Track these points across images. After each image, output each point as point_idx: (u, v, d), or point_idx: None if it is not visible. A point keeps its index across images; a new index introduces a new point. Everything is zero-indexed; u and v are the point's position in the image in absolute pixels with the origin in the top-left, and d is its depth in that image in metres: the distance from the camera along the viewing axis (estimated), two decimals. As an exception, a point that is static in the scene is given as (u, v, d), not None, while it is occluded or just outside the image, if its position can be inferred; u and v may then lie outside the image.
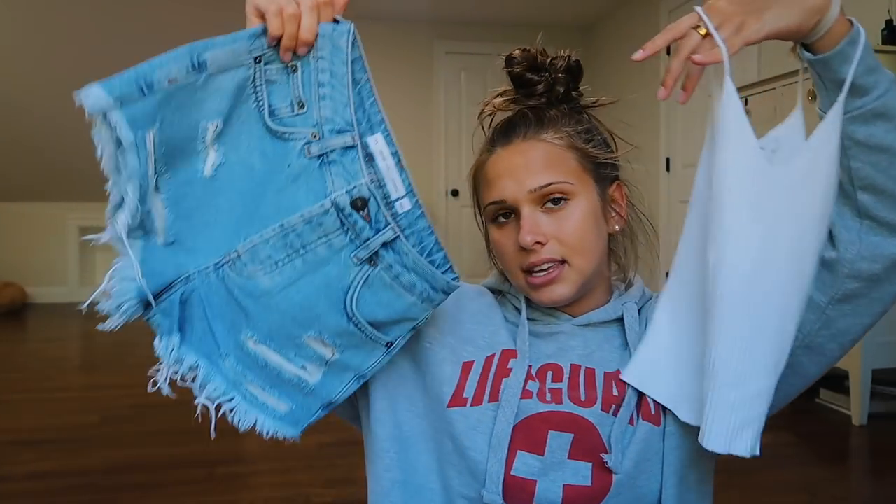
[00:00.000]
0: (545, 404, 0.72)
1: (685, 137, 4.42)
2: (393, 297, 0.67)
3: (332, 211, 0.65)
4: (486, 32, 5.64)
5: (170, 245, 0.68)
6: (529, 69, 0.77)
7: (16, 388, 3.18)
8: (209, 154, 0.66)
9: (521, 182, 0.73)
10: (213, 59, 0.64)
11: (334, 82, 0.65)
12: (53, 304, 6.04)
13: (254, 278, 0.67)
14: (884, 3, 2.81)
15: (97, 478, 2.06)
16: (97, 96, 0.61)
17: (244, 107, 0.66)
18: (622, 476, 0.70)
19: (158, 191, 0.66)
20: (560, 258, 0.73)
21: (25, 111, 5.30)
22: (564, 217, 0.73)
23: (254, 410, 0.71)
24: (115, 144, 0.63)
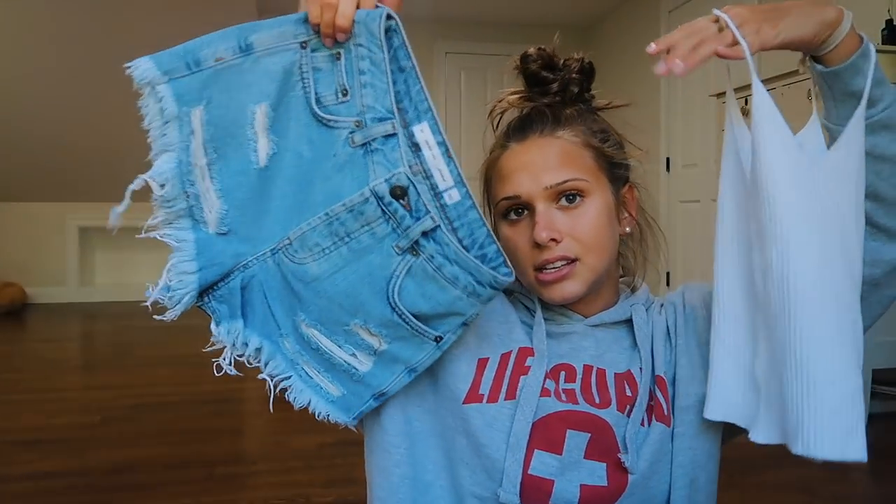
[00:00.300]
0: (563, 403, 0.73)
1: (685, 137, 4.42)
2: (436, 289, 0.67)
3: (371, 200, 0.65)
4: (486, 32, 5.64)
5: (224, 235, 0.69)
6: (545, 67, 0.77)
7: (16, 388, 3.18)
8: (261, 142, 0.67)
9: (537, 178, 0.73)
10: (259, 41, 0.66)
11: (374, 69, 0.65)
12: (53, 304, 6.04)
13: (304, 264, 0.68)
14: (884, 3, 2.81)
15: (97, 478, 2.06)
16: (146, 68, 0.64)
17: (292, 93, 0.67)
18: (637, 476, 0.71)
19: (212, 179, 0.67)
20: (574, 256, 0.73)
21: (26, 111, 5.30)
22: (579, 214, 0.73)
23: (308, 391, 0.72)
24: (161, 116, 0.65)
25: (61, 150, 5.62)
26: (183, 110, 0.65)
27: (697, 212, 4.26)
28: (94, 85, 5.20)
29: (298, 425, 2.55)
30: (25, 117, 5.34)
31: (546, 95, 0.77)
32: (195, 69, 0.65)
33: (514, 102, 0.79)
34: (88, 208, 6.16)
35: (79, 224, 6.16)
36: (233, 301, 0.70)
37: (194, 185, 0.67)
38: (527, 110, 0.78)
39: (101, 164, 5.79)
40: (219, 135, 0.66)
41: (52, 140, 5.53)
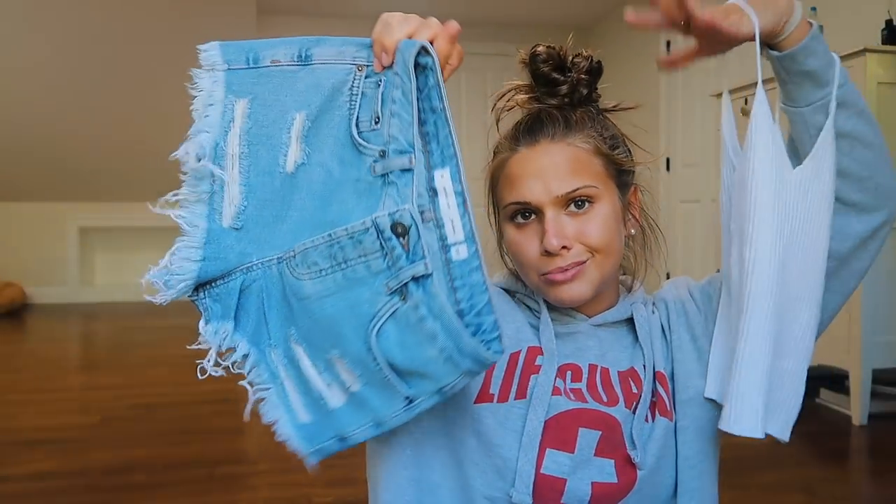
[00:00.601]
0: (573, 402, 0.73)
1: (685, 137, 4.42)
2: (415, 342, 0.63)
3: (371, 230, 0.64)
4: (486, 32, 5.64)
5: (237, 230, 0.69)
6: (555, 69, 0.76)
7: (16, 388, 3.18)
8: (292, 148, 0.68)
9: (548, 185, 0.72)
10: (319, 54, 0.67)
11: (403, 100, 0.65)
12: (53, 304, 6.03)
13: (301, 280, 0.67)
14: (884, 3, 2.81)
15: (97, 478, 2.06)
16: (214, 53, 0.68)
17: (336, 111, 0.67)
18: (645, 472, 0.72)
19: (239, 173, 0.68)
20: (584, 259, 0.73)
21: (26, 111, 5.29)
22: (588, 220, 0.73)
23: (281, 408, 0.70)
24: (209, 97, 0.67)
25: (61, 150, 5.62)
26: (229, 98, 0.67)
27: (697, 212, 4.26)
28: (95, 85, 5.20)
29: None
30: (26, 117, 5.33)
31: (555, 97, 0.77)
32: (252, 65, 0.68)
33: (521, 103, 0.78)
34: (88, 208, 6.16)
35: (79, 224, 6.16)
36: (227, 302, 0.69)
37: (223, 172, 0.68)
38: (536, 112, 0.77)
39: (101, 164, 5.79)
40: (256, 130, 0.68)
41: (52, 140, 5.53)
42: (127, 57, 5.05)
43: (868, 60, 2.42)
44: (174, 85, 4.86)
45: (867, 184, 0.71)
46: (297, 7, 5.31)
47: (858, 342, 2.45)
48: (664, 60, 0.73)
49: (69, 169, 5.79)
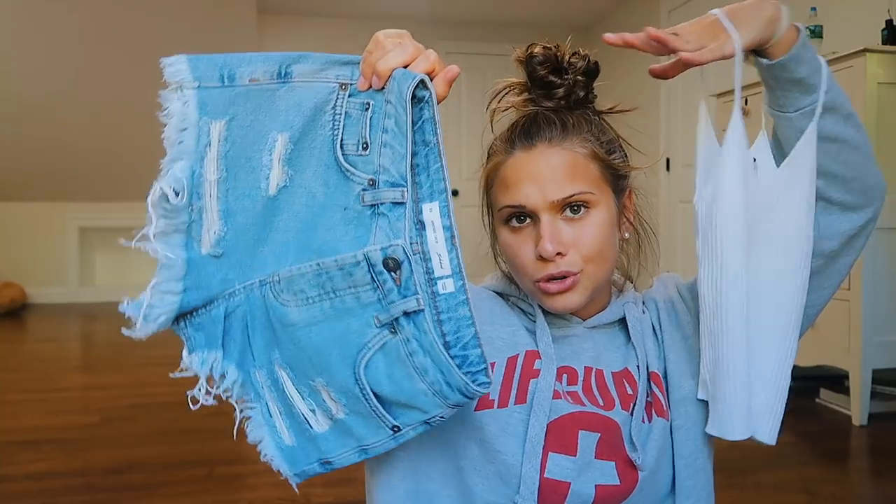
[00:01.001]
0: (571, 405, 0.73)
1: (685, 137, 4.42)
2: (404, 375, 0.63)
3: (363, 264, 0.63)
4: (486, 32, 5.64)
5: (217, 258, 0.66)
6: (552, 71, 0.75)
7: (16, 388, 3.18)
8: (274, 171, 0.65)
9: (544, 190, 0.71)
10: (300, 71, 0.64)
11: (397, 131, 0.63)
12: (53, 304, 6.03)
13: (286, 306, 0.65)
14: (884, 3, 2.81)
15: (97, 478, 2.06)
16: (182, 68, 0.63)
17: (319, 132, 0.65)
18: (646, 473, 0.72)
19: (218, 198, 0.65)
20: (577, 270, 0.72)
21: (26, 111, 5.29)
22: (584, 226, 0.72)
23: (265, 428, 0.70)
24: (181, 121, 0.64)
25: (61, 150, 5.62)
26: (203, 120, 0.64)
27: (697, 212, 4.26)
28: (95, 85, 5.20)
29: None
30: (25, 117, 5.33)
31: (551, 100, 0.76)
32: (228, 84, 0.64)
33: (517, 105, 0.77)
34: (88, 208, 6.17)
35: (79, 224, 6.16)
36: (212, 330, 0.67)
37: (201, 200, 0.65)
38: (532, 114, 0.76)
39: (101, 164, 5.79)
40: (234, 153, 0.65)
41: (52, 140, 5.53)
42: (127, 57, 5.05)
43: (868, 60, 2.42)
44: (174, 85, 4.78)
45: (853, 184, 0.72)
46: (297, 7, 5.31)
47: (858, 342, 2.45)
48: (656, 71, 0.73)
49: (69, 169, 5.79)
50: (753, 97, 3.04)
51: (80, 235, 6.19)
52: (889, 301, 2.49)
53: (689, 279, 0.83)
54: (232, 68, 0.63)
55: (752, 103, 3.05)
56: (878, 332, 2.48)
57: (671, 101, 4.56)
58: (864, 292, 2.45)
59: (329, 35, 5.51)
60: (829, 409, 2.73)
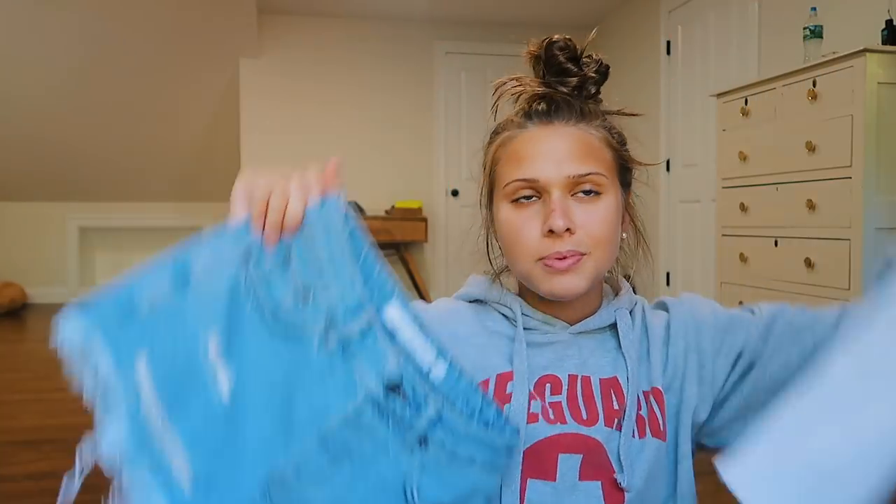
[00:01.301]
0: (551, 425, 0.71)
1: (685, 137, 4.42)
2: (456, 475, 0.60)
3: (367, 406, 0.58)
4: (486, 32, 5.63)
5: (202, 491, 0.59)
6: (570, 59, 0.73)
7: (16, 388, 3.18)
8: (218, 374, 0.59)
9: (561, 166, 0.70)
10: (196, 269, 0.60)
11: (335, 264, 0.60)
12: (53, 304, 6.03)
13: (305, 493, 0.59)
14: (884, 3, 2.81)
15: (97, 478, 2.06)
16: (75, 327, 0.58)
17: (242, 312, 0.60)
18: (633, 494, 0.70)
19: (174, 431, 0.58)
20: (584, 251, 0.70)
21: (26, 111, 5.30)
22: (595, 209, 0.70)
23: None
24: (97, 378, 0.58)
25: (61, 150, 5.62)
26: (121, 363, 0.58)
27: (697, 212, 4.26)
28: (95, 85, 5.20)
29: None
30: (25, 117, 5.34)
31: (565, 87, 0.74)
32: (131, 316, 0.59)
33: (534, 86, 0.75)
34: (88, 208, 6.17)
35: (79, 224, 6.16)
36: None
37: (155, 443, 0.58)
38: (550, 94, 0.74)
39: (101, 164, 5.79)
40: (170, 378, 0.59)
41: (52, 140, 5.53)
42: (127, 57, 5.05)
43: (868, 60, 2.42)
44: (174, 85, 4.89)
45: None
46: (297, 7, 5.31)
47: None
48: None
49: (69, 169, 5.80)
50: (753, 97, 3.04)
51: (80, 235, 6.19)
52: (889, 301, 2.49)
53: (728, 309, 0.79)
54: (128, 300, 0.58)
55: (752, 103, 3.05)
56: (878, 332, 2.47)
57: (671, 102, 4.56)
58: (864, 292, 2.44)
59: (329, 35, 5.51)
60: (829, 409, 2.73)
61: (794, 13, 3.39)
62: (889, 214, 2.45)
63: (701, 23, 4.21)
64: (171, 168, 5.92)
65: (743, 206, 3.06)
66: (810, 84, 2.68)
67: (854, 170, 2.45)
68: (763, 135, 2.95)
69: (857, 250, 2.45)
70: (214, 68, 5.30)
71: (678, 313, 0.78)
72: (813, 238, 2.66)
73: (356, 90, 5.57)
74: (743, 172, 3.07)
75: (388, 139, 5.64)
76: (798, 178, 2.74)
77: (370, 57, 5.58)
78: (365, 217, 5.23)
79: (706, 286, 4.10)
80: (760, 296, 2.97)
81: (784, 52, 3.45)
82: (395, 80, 5.62)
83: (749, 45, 3.74)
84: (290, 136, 5.48)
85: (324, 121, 5.53)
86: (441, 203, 5.67)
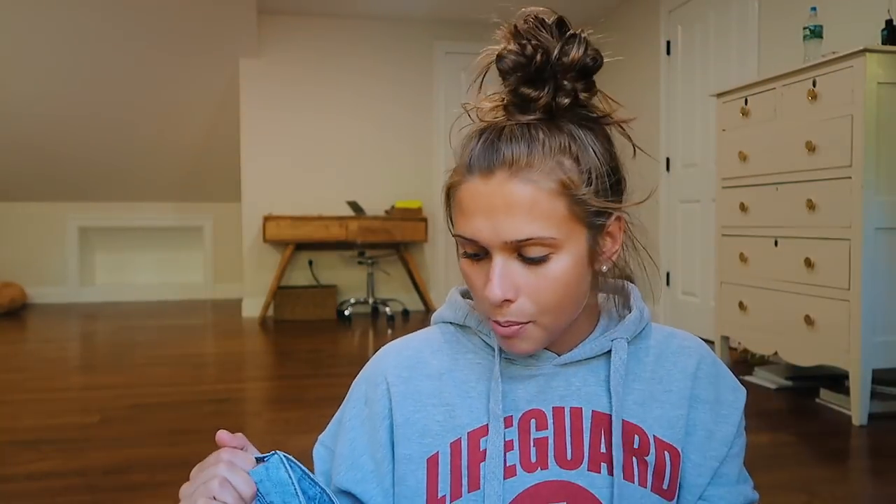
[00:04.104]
0: (531, 474, 0.67)
1: (685, 137, 4.42)
2: None
3: None
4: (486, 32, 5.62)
5: None
6: (526, 82, 0.63)
7: (16, 388, 3.18)
8: None
9: (498, 228, 0.61)
10: None
11: None
12: (53, 304, 6.04)
13: None
14: (884, 3, 2.81)
15: (97, 478, 2.06)
16: None
17: None
18: None
19: None
20: (525, 320, 0.63)
21: (26, 111, 5.30)
22: (542, 273, 0.62)
23: None
24: None
25: (61, 150, 5.62)
26: None
27: (697, 212, 4.26)
28: (95, 85, 5.20)
29: (298, 426, 2.55)
30: (26, 117, 5.34)
31: (526, 114, 0.63)
32: None
33: (487, 118, 0.65)
34: (88, 208, 6.17)
35: (79, 224, 6.17)
36: None
37: None
38: (497, 131, 0.63)
39: (101, 164, 5.79)
40: None
41: (52, 140, 5.53)
42: (127, 57, 5.05)
43: (868, 60, 2.42)
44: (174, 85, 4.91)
45: None
46: (297, 7, 5.31)
47: (858, 342, 2.45)
48: None
49: (69, 169, 5.80)
50: (753, 97, 3.04)
51: (80, 235, 6.19)
52: (889, 301, 2.49)
53: (737, 458, 0.74)
54: None
55: (752, 103, 3.05)
56: (878, 332, 2.48)
57: (671, 102, 4.56)
58: (864, 292, 2.45)
59: (329, 35, 5.51)
60: (829, 409, 2.73)
61: (794, 13, 3.39)
62: (889, 214, 2.45)
63: (701, 23, 4.21)
64: (170, 168, 5.92)
65: (743, 205, 3.06)
66: (810, 84, 2.68)
67: (854, 170, 2.45)
68: (763, 135, 2.95)
69: (857, 250, 2.45)
70: (214, 68, 5.30)
71: (711, 386, 0.73)
72: (813, 238, 2.66)
73: (356, 90, 5.57)
74: (743, 172, 3.07)
75: (387, 139, 5.64)
76: (798, 178, 2.74)
77: (370, 57, 5.58)
78: (365, 217, 5.23)
79: (706, 286, 4.10)
80: (760, 295, 2.97)
81: (784, 52, 3.44)
82: (395, 80, 5.62)
83: (749, 45, 3.74)
84: (290, 136, 5.48)
85: (324, 121, 5.53)
86: (441, 203, 5.66)
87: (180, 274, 6.42)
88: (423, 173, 5.68)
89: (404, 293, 5.73)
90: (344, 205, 5.44)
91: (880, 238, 2.46)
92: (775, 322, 2.88)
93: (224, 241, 6.36)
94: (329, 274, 5.65)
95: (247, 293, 5.44)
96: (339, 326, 4.97)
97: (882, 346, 2.48)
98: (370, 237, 5.16)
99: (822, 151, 2.61)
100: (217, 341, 4.49)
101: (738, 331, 3.19)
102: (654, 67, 4.69)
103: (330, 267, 5.66)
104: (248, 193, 5.44)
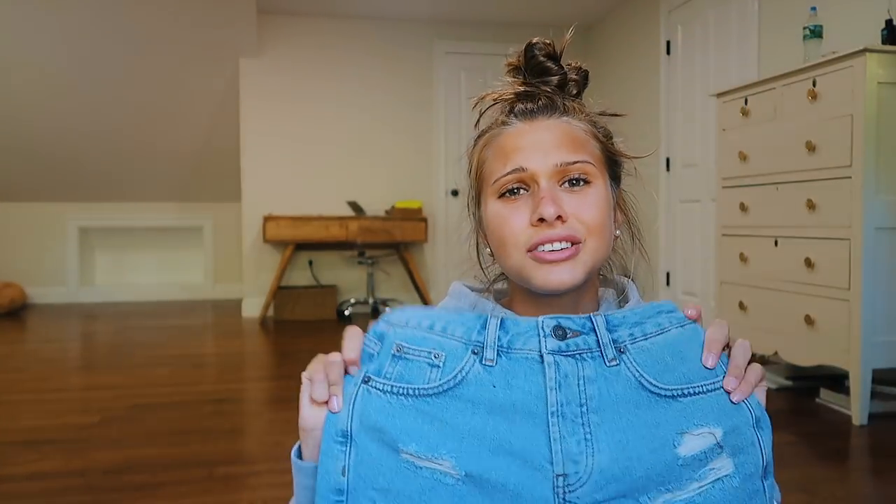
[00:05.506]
0: None
1: (685, 137, 4.42)
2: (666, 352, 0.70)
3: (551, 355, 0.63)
4: (486, 32, 5.64)
5: None
6: (549, 57, 0.74)
7: (16, 388, 3.18)
8: None
9: (547, 155, 0.69)
10: None
11: (431, 329, 0.66)
12: (53, 304, 6.04)
13: None
14: (884, 3, 2.81)
15: (97, 478, 2.06)
16: None
17: None
18: None
19: None
20: (579, 237, 0.68)
21: (26, 111, 5.30)
22: (584, 197, 0.69)
23: None
24: None
25: (61, 150, 5.62)
26: None
27: (697, 212, 4.26)
28: (95, 85, 5.20)
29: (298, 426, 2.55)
30: (27, 117, 5.34)
31: (547, 85, 0.74)
32: None
33: (516, 87, 0.75)
34: (88, 208, 6.17)
35: (79, 224, 6.17)
36: None
37: None
38: (532, 92, 0.74)
39: (101, 164, 5.79)
40: None
41: (53, 141, 5.53)
42: (127, 57, 5.05)
43: (868, 60, 2.42)
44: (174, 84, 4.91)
45: None
46: (297, 7, 5.31)
47: (858, 342, 2.45)
48: None
49: (69, 169, 5.80)
50: (753, 97, 3.04)
51: (80, 235, 6.19)
52: (889, 301, 2.49)
53: None
54: None
55: (752, 103, 3.05)
56: (878, 332, 2.48)
57: (671, 101, 4.56)
58: (864, 292, 2.45)
59: (329, 35, 5.51)
60: (829, 408, 2.73)
61: (794, 13, 3.39)
62: (889, 214, 2.45)
63: (701, 23, 4.21)
64: (171, 168, 5.91)
65: (743, 205, 3.06)
66: (810, 84, 2.68)
67: (854, 170, 2.45)
68: (763, 135, 2.95)
69: (857, 250, 2.45)
70: (214, 68, 5.30)
71: None
72: (813, 238, 2.66)
73: (356, 90, 5.57)
74: (743, 172, 3.07)
75: (388, 139, 5.64)
76: (798, 177, 2.74)
77: (370, 57, 5.58)
78: (365, 217, 5.23)
79: (706, 286, 4.10)
80: (760, 295, 2.97)
81: (784, 52, 3.44)
82: (395, 79, 5.62)
83: (749, 45, 3.74)
84: (290, 136, 5.48)
85: (324, 121, 5.53)
86: (441, 203, 5.67)
87: (180, 274, 6.42)
88: (423, 173, 5.68)
89: (404, 293, 5.73)
90: (344, 205, 5.44)
91: (880, 238, 2.46)
92: (775, 322, 2.88)
93: (224, 241, 6.36)
94: (329, 274, 5.65)
95: (247, 293, 5.44)
96: (340, 326, 4.97)
97: (882, 346, 2.48)
98: (370, 237, 5.16)
99: (822, 151, 2.61)
100: (217, 341, 4.49)
101: (738, 331, 3.19)
102: (653, 67, 4.69)
103: (330, 267, 5.66)
104: (248, 193, 5.44)
